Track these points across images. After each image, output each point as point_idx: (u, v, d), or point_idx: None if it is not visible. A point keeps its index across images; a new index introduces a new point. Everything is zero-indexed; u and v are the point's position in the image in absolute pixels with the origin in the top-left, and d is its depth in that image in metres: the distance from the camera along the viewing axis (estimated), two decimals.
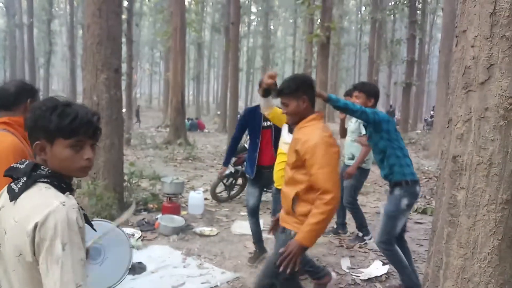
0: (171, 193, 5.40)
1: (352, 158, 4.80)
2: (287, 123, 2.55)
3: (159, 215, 5.22)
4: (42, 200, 1.18)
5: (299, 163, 2.32)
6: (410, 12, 18.79)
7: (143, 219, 5.22)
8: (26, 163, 1.28)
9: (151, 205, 5.85)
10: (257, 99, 3.46)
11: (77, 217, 1.19)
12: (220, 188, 6.57)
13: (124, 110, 13.07)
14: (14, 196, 1.22)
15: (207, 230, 4.98)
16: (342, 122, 4.92)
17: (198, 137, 17.84)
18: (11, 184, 1.25)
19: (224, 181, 6.52)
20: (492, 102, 1.91)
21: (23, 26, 29.10)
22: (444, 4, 12.80)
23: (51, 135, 1.23)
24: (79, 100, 12.80)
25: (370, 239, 4.78)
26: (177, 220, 4.98)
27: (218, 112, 30.01)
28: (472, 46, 1.99)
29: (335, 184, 2.24)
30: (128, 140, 13.71)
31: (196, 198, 5.70)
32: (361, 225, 4.83)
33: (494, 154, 1.92)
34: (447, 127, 2.16)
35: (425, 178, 8.79)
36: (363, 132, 4.47)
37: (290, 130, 3.28)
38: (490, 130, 1.92)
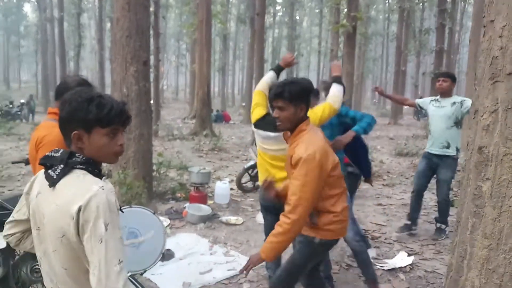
0: (198, 183, 5.53)
1: (448, 146, 4.44)
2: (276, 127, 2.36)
3: (187, 204, 5.36)
4: (83, 185, 1.28)
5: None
6: (439, 0, 18.29)
7: (171, 207, 5.38)
8: (61, 151, 1.37)
9: (179, 194, 6.00)
10: None
11: (115, 200, 1.30)
12: (245, 178, 6.67)
13: (152, 101, 13.36)
14: (53, 182, 1.31)
15: (233, 219, 5.09)
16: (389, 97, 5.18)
17: (224, 129, 18.00)
18: (49, 171, 1.34)
19: (249, 171, 6.61)
20: None
21: (54, 20, 29.88)
22: None
23: (89, 125, 1.32)
24: (108, 92, 13.15)
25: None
26: (204, 209, 5.11)
27: (243, 104, 30.10)
28: (500, 36, 1.97)
29: (301, 201, 2.12)
30: (156, 132, 13.98)
31: (222, 188, 5.81)
32: (446, 218, 4.78)
33: None
34: (473, 118, 2.15)
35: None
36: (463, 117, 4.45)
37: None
38: None
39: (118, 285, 1.21)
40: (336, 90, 3.07)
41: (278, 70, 3.29)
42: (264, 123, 3.01)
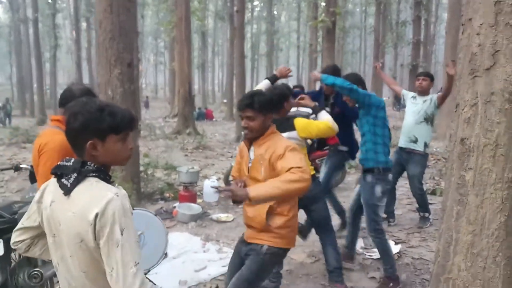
0: (187, 182, 5.58)
1: (415, 141, 4.59)
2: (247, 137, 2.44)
3: (177, 204, 5.41)
4: (98, 192, 1.34)
5: (273, 174, 2.25)
6: None
7: (161, 208, 5.41)
8: (73, 160, 1.42)
9: (167, 194, 6.04)
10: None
11: (129, 205, 1.36)
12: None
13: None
14: (67, 190, 1.37)
15: (223, 216, 5.16)
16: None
17: (206, 126, 18.00)
18: (62, 180, 1.39)
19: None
20: (498, 86, 2.02)
21: (28, 21, 29.23)
22: None
23: (104, 133, 1.39)
24: None
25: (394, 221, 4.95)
26: (194, 208, 5.16)
27: (225, 100, 30.09)
28: (478, 34, 2.09)
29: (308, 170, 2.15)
30: (138, 132, 13.89)
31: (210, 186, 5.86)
32: (426, 207, 4.91)
33: (500, 135, 2.04)
34: (455, 111, 2.27)
35: (434, 160, 8.89)
36: (433, 114, 4.56)
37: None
38: (496, 113, 2.04)
39: (135, 286, 1.28)
40: (328, 117, 3.19)
41: (273, 79, 3.47)
42: None
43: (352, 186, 6.82)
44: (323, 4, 13.26)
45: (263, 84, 3.44)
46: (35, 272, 2.72)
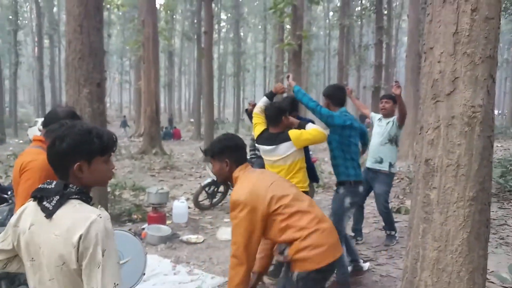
0: (157, 203, 5.50)
1: (381, 161, 4.73)
2: None
3: (145, 225, 5.32)
4: (81, 214, 1.35)
5: None
6: (376, 18, 19.40)
7: (129, 229, 5.29)
8: (54, 183, 1.42)
9: (135, 216, 5.93)
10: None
11: (111, 227, 1.37)
12: (202, 196, 6.71)
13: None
14: (50, 213, 1.36)
15: (193, 237, 5.11)
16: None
17: (173, 146, 17.84)
18: (44, 203, 1.39)
19: (206, 189, 6.67)
20: (458, 110, 2.17)
21: None
22: (409, 11, 13.33)
23: (91, 155, 1.41)
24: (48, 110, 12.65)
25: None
26: (164, 230, 5.09)
27: (192, 120, 29.98)
28: (439, 62, 2.25)
29: (241, 249, 2.26)
30: None
31: (180, 207, 5.81)
32: (392, 225, 5.02)
33: (461, 156, 2.18)
34: (419, 134, 2.41)
35: (397, 179, 9.15)
36: (396, 135, 4.72)
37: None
38: (457, 136, 2.18)
39: None
40: (315, 125, 3.59)
41: (270, 96, 3.80)
42: (262, 138, 3.63)
43: (320, 204, 6.93)
44: (289, 27, 13.61)
45: (262, 101, 3.78)
46: None
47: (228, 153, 2.40)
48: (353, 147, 3.58)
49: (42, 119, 3.59)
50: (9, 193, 3.81)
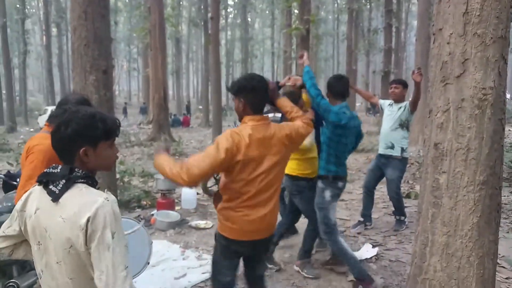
0: (165, 189, 5.53)
1: (392, 147, 4.70)
2: None
3: (154, 211, 5.36)
4: (88, 197, 1.36)
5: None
6: (386, 1, 19.06)
7: (138, 215, 5.36)
8: (60, 167, 1.43)
9: (145, 202, 5.97)
10: None
11: (119, 210, 1.38)
12: (210, 182, 6.71)
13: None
14: (56, 197, 1.37)
15: (202, 223, 5.14)
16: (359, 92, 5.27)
17: (182, 133, 17.90)
18: (50, 187, 1.39)
19: (215, 175, 6.67)
20: (468, 93, 2.12)
21: None
22: None
23: (96, 140, 1.42)
24: (58, 99, 12.73)
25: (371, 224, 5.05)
26: (173, 215, 5.13)
27: (200, 107, 29.98)
28: (448, 43, 2.19)
29: (196, 170, 2.10)
30: None
31: (189, 193, 5.84)
32: (402, 210, 5.01)
33: (471, 140, 2.13)
34: (428, 117, 2.36)
35: (408, 164, 9.07)
36: (408, 120, 4.68)
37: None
38: (466, 119, 2.13)
39: None
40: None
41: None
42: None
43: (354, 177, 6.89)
44: (297, 11, 13.42)
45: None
46: (11, 284, 2.66)
47: (244, 93, 2.35)
48: (341, 146, 3.45)
49: (52, 107, 3.60)
50: (18, 180, 3.85)
